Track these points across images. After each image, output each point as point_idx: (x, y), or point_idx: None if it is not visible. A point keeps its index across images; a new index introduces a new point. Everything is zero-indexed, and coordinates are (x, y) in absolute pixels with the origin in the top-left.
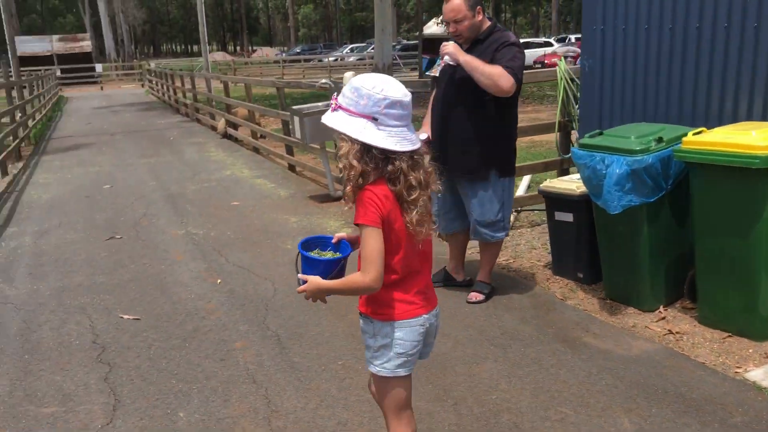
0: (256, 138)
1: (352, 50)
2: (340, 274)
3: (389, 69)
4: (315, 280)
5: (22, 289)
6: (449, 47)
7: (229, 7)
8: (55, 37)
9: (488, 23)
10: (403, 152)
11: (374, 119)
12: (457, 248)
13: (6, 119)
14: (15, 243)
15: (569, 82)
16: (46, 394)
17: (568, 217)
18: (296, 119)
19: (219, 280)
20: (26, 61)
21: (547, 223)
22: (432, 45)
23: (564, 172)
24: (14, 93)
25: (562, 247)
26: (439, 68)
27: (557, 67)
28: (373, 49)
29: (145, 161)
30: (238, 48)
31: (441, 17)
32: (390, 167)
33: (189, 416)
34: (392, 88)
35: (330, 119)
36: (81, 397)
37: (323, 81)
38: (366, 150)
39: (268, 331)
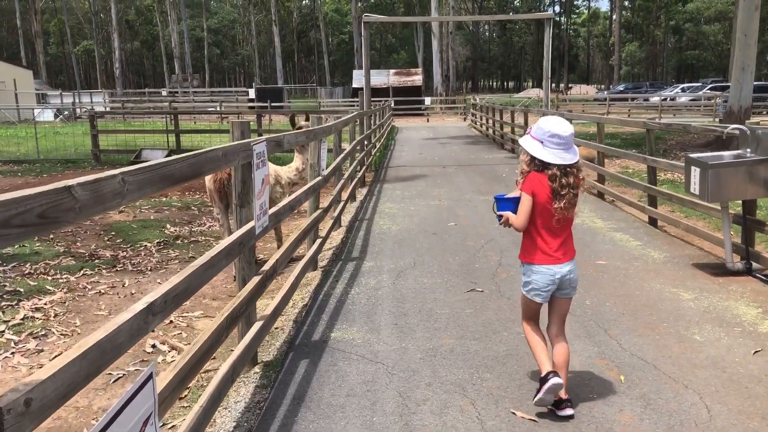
0: (603, 182)
1: (683, 90)
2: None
3: (746, 113)
4: (508, 214)
5: (391, 345)
6: None
7: (551, 44)
8: (392, 71)
9: None
10: (555, 164)
11: (541, 142)
12: None
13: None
14: (374, 281)
15: None
16: None
17: None
18: (696, 171)
19: (622, 377)
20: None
21: None
22: None
23: None
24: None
25: None
26: None
27: None
28: (708, 89)
29: (483, 198)
30: (553, 85)
31: None
32: (549, 172)
33: None
34: (557, 126)
35: (522, 140)
36: None
37: (732, 127)
38: (532, 158)
39: None
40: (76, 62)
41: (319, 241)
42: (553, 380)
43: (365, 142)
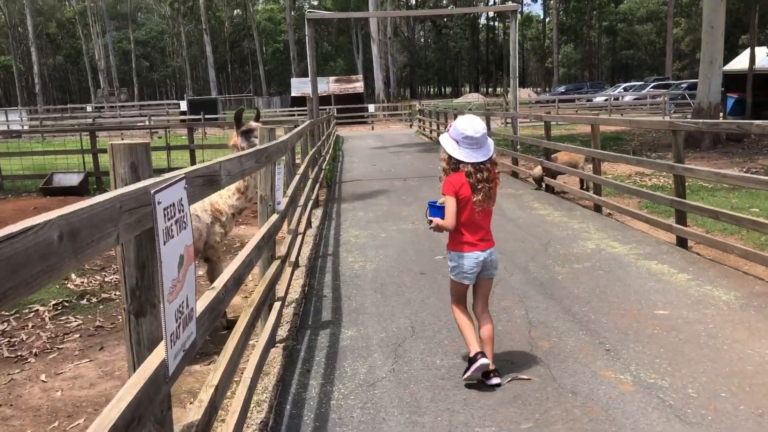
0: (600, 193)
1: (625, 89)
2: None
3: (716, 110)
4: (437, 219)
5: None
6: None
7: (485, 49)
8: (332, 78)
9: None
10: (468, 162)
11: (457, 142)
12: None
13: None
14: (364, 369)
15: None
16: None
17: None
18: None
19: None
20: (303, 101)
21: None
22: (739, 83)
23: None
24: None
25: None
26: None
27: None
28: (652, 88)
29: None
30: (490, 89)
31: None
32: (465, 168)
33: None
34: (470, 128)
35: (441, 138)
36: None
37: None
38: (449, 156)
39: None
40: None
41: (278, 306)
42: (481, 361)
43: (316, 156)
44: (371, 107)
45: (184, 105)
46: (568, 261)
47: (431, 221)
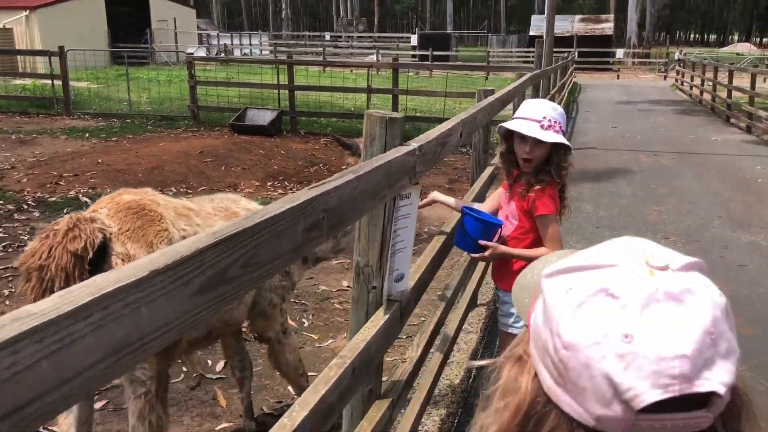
0: None
1: None
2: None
3: None
4: (500, 247)
5: None
6: None
7: None
8: (577, 17)
9: None
10: None
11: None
12: None
13: None
14: None
15: None
16: None
17: None
18: None
19: None
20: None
21: None
22: None
23: None
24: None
25: None
26: None
27: None
28: None
29: (748, 240)
30: (765, 39)
31: None
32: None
33: None
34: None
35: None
36: None
37: None
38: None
39: None
40: (246, 3)
41: None
42: None
43: None
44: (619, 52)
45: (414, 39)
46: None
47: (483, 247)
